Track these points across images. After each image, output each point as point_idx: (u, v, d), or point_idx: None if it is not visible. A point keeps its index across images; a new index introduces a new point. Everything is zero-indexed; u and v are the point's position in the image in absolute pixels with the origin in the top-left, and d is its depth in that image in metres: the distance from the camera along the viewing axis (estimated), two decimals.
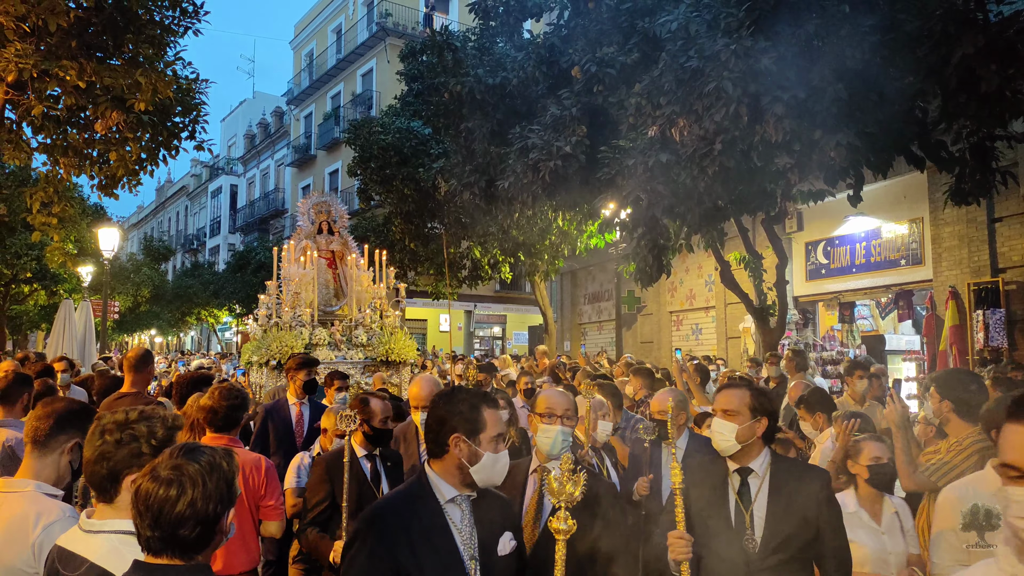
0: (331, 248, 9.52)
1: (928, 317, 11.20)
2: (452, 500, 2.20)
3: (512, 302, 28.73)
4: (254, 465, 3.52)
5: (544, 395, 3.13)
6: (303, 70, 35.08)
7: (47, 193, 9.23)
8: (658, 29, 7.21)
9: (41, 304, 22.06)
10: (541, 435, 2.97)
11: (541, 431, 2.98)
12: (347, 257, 9.53)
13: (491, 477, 2.21)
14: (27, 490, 2.30)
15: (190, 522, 1.60)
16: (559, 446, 2.92)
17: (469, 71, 10.29)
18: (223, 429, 3.55)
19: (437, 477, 2.23)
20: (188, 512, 1.59)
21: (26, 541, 2.17)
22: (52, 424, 2.42)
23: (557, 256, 17.05)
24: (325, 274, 9.41)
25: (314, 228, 9.57)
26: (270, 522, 3.53)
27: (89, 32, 7.90)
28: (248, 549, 3.47)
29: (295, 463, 4.41)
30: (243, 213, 40.37)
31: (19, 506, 2.27)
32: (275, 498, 3.55)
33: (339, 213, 9.79)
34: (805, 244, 13.89)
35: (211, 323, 35.00)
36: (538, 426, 3.00)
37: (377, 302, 9.20)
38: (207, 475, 1.64)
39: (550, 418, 2.98)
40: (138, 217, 57.75)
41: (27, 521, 2.21)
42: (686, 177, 7.01)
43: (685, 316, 17.44)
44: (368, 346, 8.77)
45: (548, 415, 2.99)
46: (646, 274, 9.07)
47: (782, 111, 5.91)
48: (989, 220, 10.33)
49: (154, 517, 1.59)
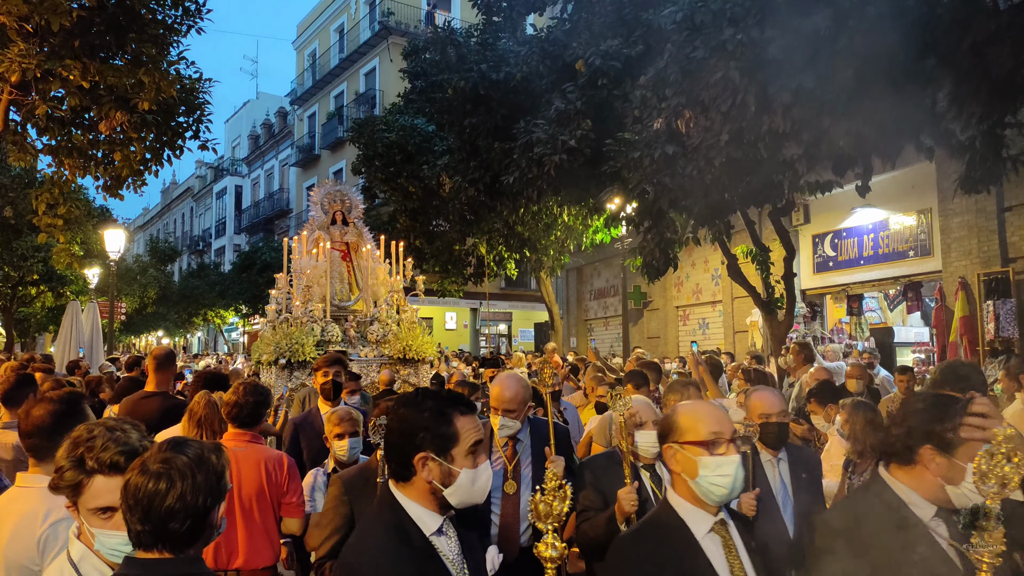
0: (345, 239, 8.90)
1: (937, 308, 11.11)
2: (439, 531, 1.86)
3: (518, 299, 28.68)
4: (277, 462, 3.53)
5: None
6: (306, 70, 35.09)
7: (53, 195, 9.22)
8: (662, 20, 7.15)
9: (48, 306, 22.12)
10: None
11: None
12: (362, 249, 8.95)
13: (471, 497, 1.84)
14: (39, 487, 2.26)
15: (180, 515, 1.59)
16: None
17: (472, 67, 10.26)
18: (247, 424, 3.55)
19: (413, 504, 1.85)
20: (178, 505, 1.59)
21: (32, 537, 2.16)
22: (51, 424, 2.39)
23: (563, 252, 17.00)
24: (339, 267, 8.81)
25: (327, 218, 8.94)
26: (291, 519, 3.53)
27: (92, 32, 7.87)
28: (272, 544, 3.48)
29: (307, 482, 3.76)
30: (248, 214, 40.44)
31: (30, 502, 2.26)
32: (297, 495, 3.55)
33: (354, 203, 9.20)
34: (812, 237, 13.81)
35: (218, 324, 35.05)
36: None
37: (393, 296, 8.64)
38: (196, 468, 1.63)
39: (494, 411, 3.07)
40: (144, 219, 57.92)
41: (36, 517, 2.20)
42: (692, 169, 6.96)
43: (692, 311, 17.37)
44: (384, 343, 8.26)
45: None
46: (653, 268, 9.02)
47: (790, 100, 5.86)
48: (999, 209, 10.24)
49: (144, 511, 1.58)
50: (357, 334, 8.28)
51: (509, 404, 3.16)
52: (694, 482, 1.89)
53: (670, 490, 1.99)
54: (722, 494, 1.87)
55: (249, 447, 3.48)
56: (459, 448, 1.83)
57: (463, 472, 1.81)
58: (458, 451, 1.83)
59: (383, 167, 16.91)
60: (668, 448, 1.97)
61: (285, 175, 37.34)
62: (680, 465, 1.93)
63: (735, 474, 1.87)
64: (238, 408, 3.53)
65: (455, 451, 1.82)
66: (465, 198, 12.22)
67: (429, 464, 1.81)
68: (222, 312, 33.05)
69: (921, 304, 12.66)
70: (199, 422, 3.60)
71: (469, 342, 27.73)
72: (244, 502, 3.39)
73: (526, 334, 28.89)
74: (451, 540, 1.88)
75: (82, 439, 1.92)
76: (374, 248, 8.95)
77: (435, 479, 1.81)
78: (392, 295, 8.58)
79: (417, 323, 8.64)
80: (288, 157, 36.66)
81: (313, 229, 8.73)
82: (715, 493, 1.87)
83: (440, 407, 1.86)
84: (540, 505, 1.87)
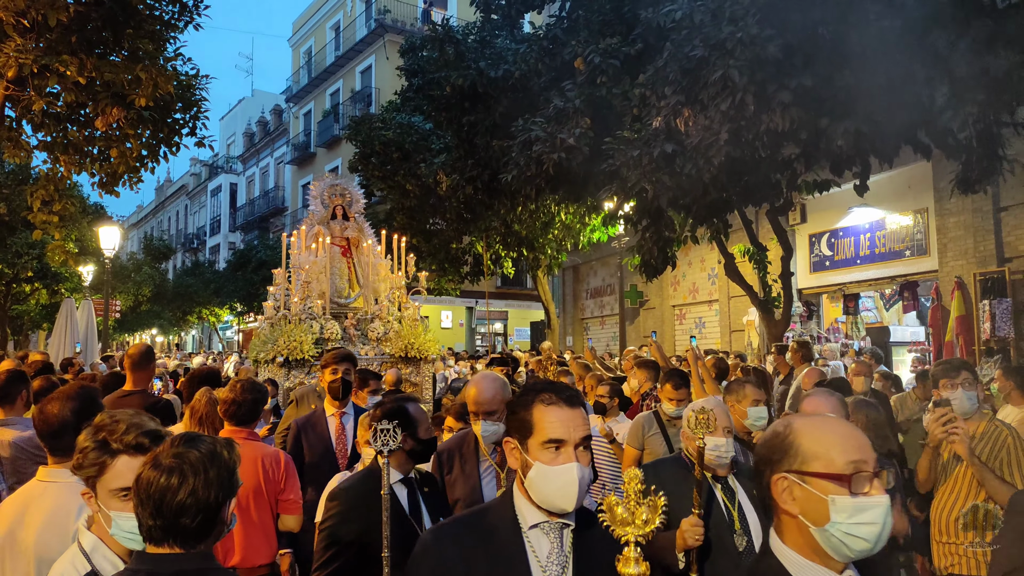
0: (346, 235, 8.63)
1: (933, 308, 11.15)
2: (535, 526, 1.75)
3: (514, 298, 28.68)
4: (273, 459, 3.52)
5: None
6: (302, 67, 35.00)
7: (48, 191, 9.17)
8: (662, 19, 7.16)
9: (43, 303, 22.01)
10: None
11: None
12: (363, 244, 8.70)
13: (548, 497, 1.70)
14: (69, 481, 2.23)
15: (192, 510, 1.59)
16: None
17: (471, 64, 10.24)
18: (244, 422, 3.55)
19: (518, 494, 1.79)
20: (190, 500, 1.59)
21: (66, 534, 2.12)
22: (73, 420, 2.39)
23: (560, 250, 17.01)
24: (339, 263, 8.58)
25: (328, 213, 8.64)
26: (289, 516, 3.53)
27: (89, 27, 7.84)
28: (269, 542, 3.48)
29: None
30: (243, 211, 40.33)
31: (60, 497, 2.23)
32: (294, 492, 3.55)
33: (355, 197, 8.91)
34: (809, 236, 13.84)
35: (212, 322, 34.97)
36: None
37: (395, 293, 8.40)
38: (208, 463, 1.63)
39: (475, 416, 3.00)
40: (138, 216, 57.71)
41: (69, 513, 2.17)
42: (691, 168, 6.97)
43: (688, 310, 17.39)
44: (385, 341, 8.03)
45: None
46: (651, 267, 9.03)
47: (789, 99, 5.86)
48: (995, 209, 10.27)
49: (156, 506, 1.58)
50: (358, 332, 8.05)
51: (488, 406, 2.97)
52: (820, 530, 1.40)
53: (775, 538, 1.50)
54: (863, 548, 1.38)
55: (246, 444, 3.44)
56: (534, 439, 1.73)
57: (535, 465, 1.71)
58: (533, 442, 1.73)
59: (380, 165, 16.89)
60: (780, 480, 1.45)
61: (280, 173, 37.25)
62: (799, 505, 1.43)
63: (883, 522, 1.37)
64: (236, 406, 3.52)
65: (531, 441, 1.73)
66: (462, 196, 12.21)
67: (513, 450, 1.78)
68: (217, 310, 32.96)
69: (917, 304, 12.70)
70: (200, 419, 3.59)
71: (465, 341, 27.72)
72: (241, 500, 3.38)
73: (522, 333, 28.87)
74: (551, 543, 1.73)
75: (105, 424, 1.93)
76: (375, 243, 8.71)
77: (518, 468, 1.76)
78: (394, 291, 8.36)
79: (419, 320, 8.44)
80: (283, 155, 36.57)
81: (312, 224, 8.47)
82: (853, 547, 1.38)
83: (526, 393, 1.80)
84: (618, 508, 1.54)
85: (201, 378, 4.46)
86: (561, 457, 1.69)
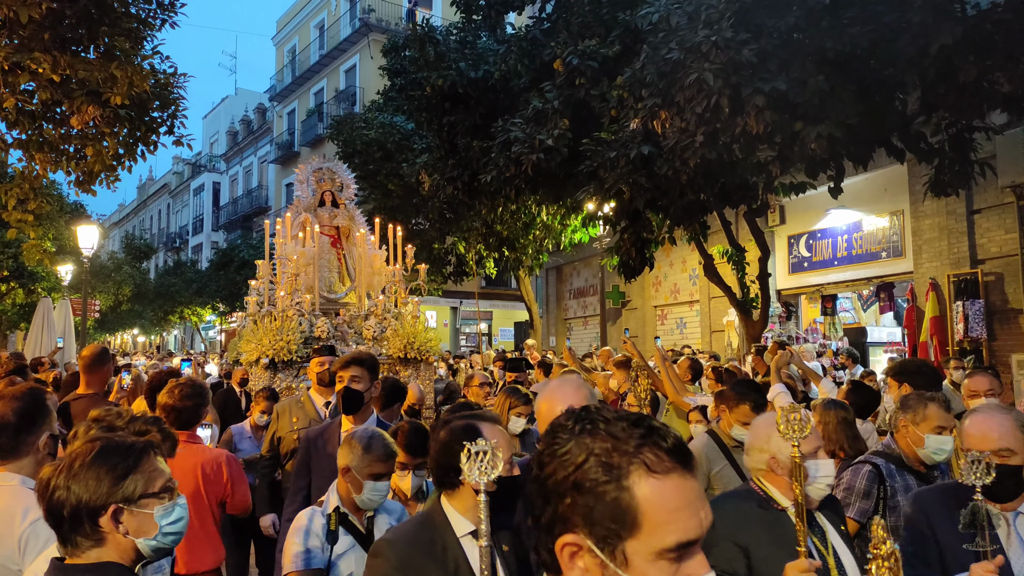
0: (335, 223, 7.87)
1: (909, 309, 11.30)
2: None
3: (498, 298, 28.70)
4: (214, 463, 3.42)
5: None
6: (285, 66, 34.80)
7: (23, 189, 9.05)
8: (639, 21, 7.21)
9: (19, 303, 21.72)
10: None
11: None
12: (354, 234, 7.87)
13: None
14: (12, 484, 2.23)
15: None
16: None
17: (451, 65, 10.25)
18: (184, 426, 3.43)
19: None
20: None
21: (12, 535, 2.11)
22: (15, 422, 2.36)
23: (541, 251, 17.04)
24: (328, 254, 7.83)
25: (315, 199, 7.85)
26: (239, 510, 3.53)
27: (63, 24, 7.75)
28: (213, 548, 3.40)
29: (298, 524, 2.63)
30: (226, 211, 40.03)
31: (4, 499, 2.21)
32: (242, 487, 3.50)
33: (346, 183, 8.10)
34: (787, 237, 13.96)
35: (194, 322, 34.66)
36: None
37: (391, 287, 7.60)
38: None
39: None
40: (120, 215, 57.12)
41: (13, 515, 2.15)
42: (668, 170, 7.02)
43: (670, 310, 17.49)
44: (382, 340, 7.25)
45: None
46: (629, 267, 9.08)
47: (763, 103, 5.92)
48: (968, 212, 10.43)
49: None
50: (350, 330, 7.35)
51: None
52: None
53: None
54: None
55: (186, 448, 3.27)
56: (641, 543, 0.97)
57: None
58: (638, 548, 0.97)
59: (362, 164, 16.84)
60: None
61: (264, 172, 37.02)
62: None
63: None
64: (176, 413, 3.39)
65: (632, 546, 0.96)
66: (444, 196, 12.20)
67: (579, 557, 1.06)
68: (199, 310, 32.69)
69: (893, 304, 12.86)
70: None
71: (449, 341, 27.71)
72: None
73: (506, 333, 28.90)
74: None
75: (103, 418, 1.93)
76: (368, 234, 7.82)
77: None
78: (390, 286, 7.60)
79: (419, 317, 7.69)
80: (267, 154, 36.35)
81: (299, 211, 7.68)
82: None
83: (602, 440, 0.99)
84: (879, 530, 1.40)
85: (162, 382, 4.33)
86: (686, 570, 0.94)
